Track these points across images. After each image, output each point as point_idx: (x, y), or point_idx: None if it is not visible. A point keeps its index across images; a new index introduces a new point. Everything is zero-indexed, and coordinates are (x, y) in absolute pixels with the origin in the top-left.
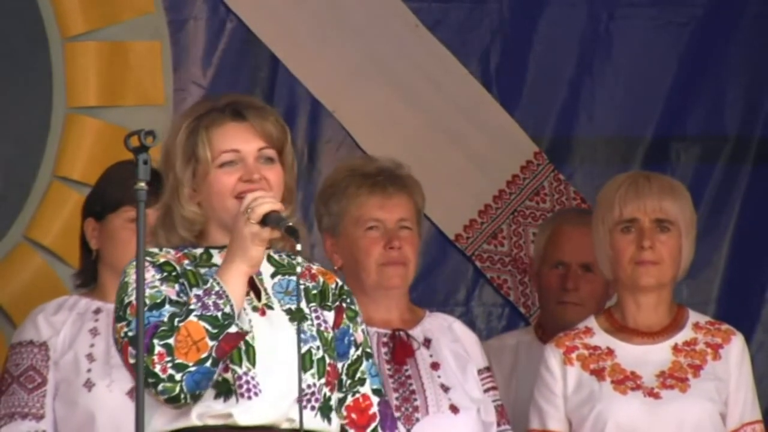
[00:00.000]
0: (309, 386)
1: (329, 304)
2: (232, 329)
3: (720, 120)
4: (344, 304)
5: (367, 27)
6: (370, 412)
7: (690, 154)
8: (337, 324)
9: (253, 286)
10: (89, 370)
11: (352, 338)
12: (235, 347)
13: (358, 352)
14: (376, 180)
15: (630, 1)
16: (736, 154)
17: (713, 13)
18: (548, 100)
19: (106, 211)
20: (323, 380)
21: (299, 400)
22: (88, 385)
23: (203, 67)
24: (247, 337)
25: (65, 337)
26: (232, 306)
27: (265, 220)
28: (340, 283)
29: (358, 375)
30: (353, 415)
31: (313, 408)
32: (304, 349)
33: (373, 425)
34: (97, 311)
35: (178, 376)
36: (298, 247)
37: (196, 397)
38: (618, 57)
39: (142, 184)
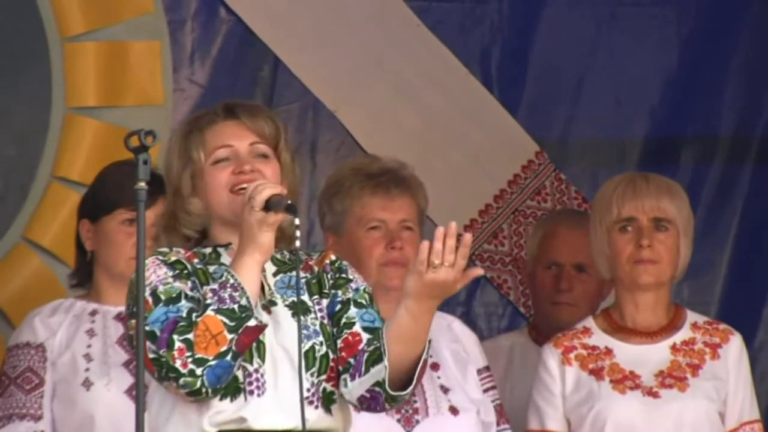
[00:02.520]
0: (312, 385)
1: (326, 291)
2: (251, 322)
3: (720, 120)
4: (337, 281)
5: (368, 27)
6: (359, 347)
7: (690, 154)
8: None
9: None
10: (87, 370)
11: (338, 299)
12: (254, 340)
13: (341, 304)
14: (379, 180)
15: (630, 1)
16: (735, 154)
17: (713, 13)
18: (549, 99)
19: (100, 213)
20: (324, 377)
21: (301, 402)
22: (87, 384)
23: (203, 67)
24: None
25: (62, 338)
26: (248, 298)
27: (269, 206)
28: (333, 258)
29: (343, 321)
30: (343, 354)
31: (316, 407)
32: (307, 346)
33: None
34: (93, 313)
35: (198, 371)
36: (297, 221)
37: (217, 391)
38: (618, 56)
39: (142, 184)
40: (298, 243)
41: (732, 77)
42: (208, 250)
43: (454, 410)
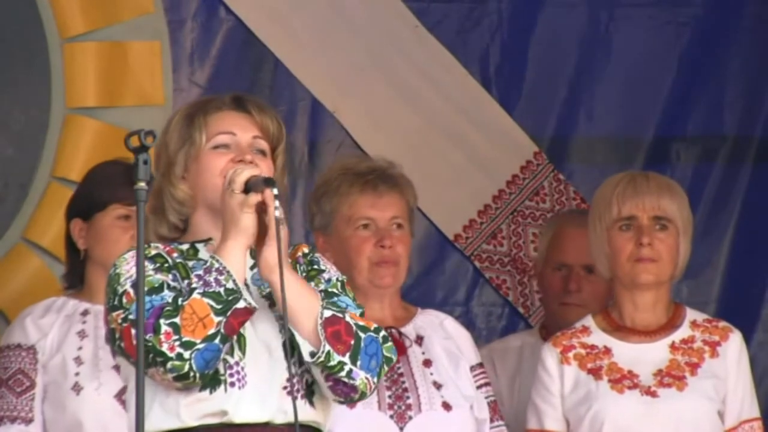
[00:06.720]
0: (293, 375)
1: None
2: (240, 304)
3: (720, 120)
4: (309, 273)
5: (367, 27)
6: None
7: (690, 154)
8: None
9: None
10: (77, 374)
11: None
12: (244, 322)
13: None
14: (367, 179)
15: (630, 1)
16: (735, 154)
17: (713, 13)
18: (548, 100)
19: (93, 210)
20: (305, 366)
21: (292, 394)
22: (77, 388)
23: (203, 68)
24: None
25: (53, 340)
26: (234, 281)
27: (248, 187)
28: (306, 250)
29: None
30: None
31: (295, 398)
32: (285, 337)
33: None
34: (85, 313)
35: (186, 354)
36: (275, 191)
37: (204, 376)
38: (618, 57)
39: (142, 184)
40: (278, 213)
41: (732, 77)
42: (186, 246)
43: (447, 406)
